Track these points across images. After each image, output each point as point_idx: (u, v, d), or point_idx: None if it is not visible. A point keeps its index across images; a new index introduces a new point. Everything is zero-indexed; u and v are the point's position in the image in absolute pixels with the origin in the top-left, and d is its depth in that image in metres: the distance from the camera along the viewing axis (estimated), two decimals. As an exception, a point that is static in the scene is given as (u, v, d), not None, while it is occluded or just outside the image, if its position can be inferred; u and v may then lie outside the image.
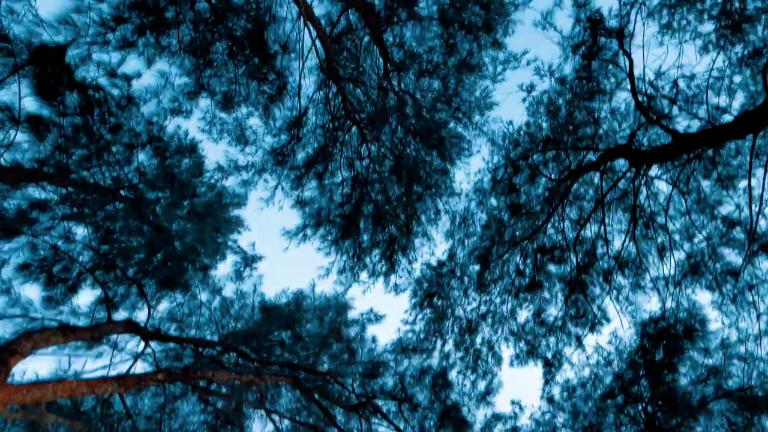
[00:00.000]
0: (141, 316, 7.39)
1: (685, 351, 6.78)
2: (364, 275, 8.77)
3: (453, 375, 8.04)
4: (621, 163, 7.79)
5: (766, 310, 6.46)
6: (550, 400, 7.84)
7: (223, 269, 8.84)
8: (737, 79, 7.48)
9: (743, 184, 7.25)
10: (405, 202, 8.77)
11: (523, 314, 8.15)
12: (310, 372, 6.02)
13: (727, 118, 6.94)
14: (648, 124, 6.03)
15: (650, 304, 7.27)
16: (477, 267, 8.40)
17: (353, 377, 7.12)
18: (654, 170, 7.47)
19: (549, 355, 7.80)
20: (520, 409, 8.38)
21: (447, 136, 8.74)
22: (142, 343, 5.55)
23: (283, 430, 6.01)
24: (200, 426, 7.36)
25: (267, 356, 6.10)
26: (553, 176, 7.80)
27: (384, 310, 8.66)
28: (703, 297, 6.92)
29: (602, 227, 6.78)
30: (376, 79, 8.34)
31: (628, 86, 7.00)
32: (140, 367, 6.43)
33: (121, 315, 6.74)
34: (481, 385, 8.06)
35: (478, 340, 8.49)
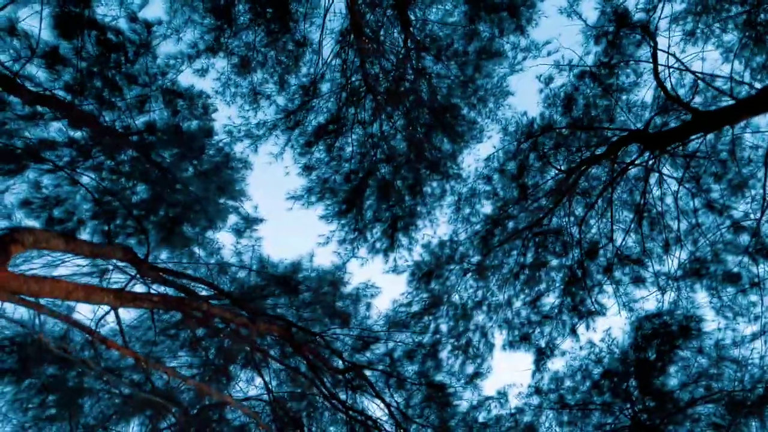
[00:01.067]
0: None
1: (678, 349, 6.76)
2: (363, 251, 8.77)
3: (443, 356, 8.03)
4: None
5: (763, 311, 6.45)
6: (538, 390, 7.83)
7: (222, 232, 8.81)
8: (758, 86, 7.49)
9: (752, 192, 7.24)
10: (412, 182, 8.77)
11: (519, 304, 8.15)
12: (301, 330, 5.99)
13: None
14: (666, 104, 5.99)
15: (648, 303, 7.27)
16: (478, 252, 8.40)
17: (344, 347, 7.10)
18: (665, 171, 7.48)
19: (542, 343, 7.80)
20: (505, 400, 8.36)
21: (460, 119, 8.73)
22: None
23: (272, 388, 5.99)
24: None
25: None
26: (562, 167, 7.79)
27: (381, 290, 8.58)
28: (702, 296, 6.89)
29: (608, 216, 6.74)
30: (394, 57, 8.33)
31: (646, 80, 7.03)
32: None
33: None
34: (470, 368, 8.05)
35: (472, 326, 8.48)
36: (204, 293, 6.66)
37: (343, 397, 6.81)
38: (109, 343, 3.56)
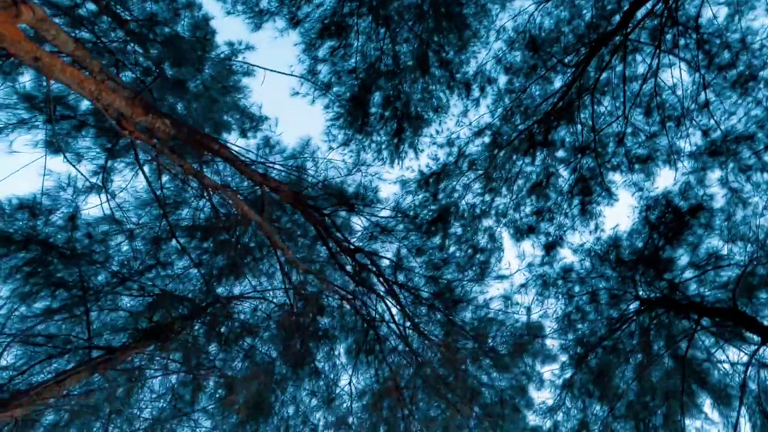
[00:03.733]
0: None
1: (687, 228, 6.73)
2: (369, 156, 8.65)
3: (451, 253, 8.01)
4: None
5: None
6: (545, 283, 7.85)
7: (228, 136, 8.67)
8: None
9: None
10: (419, 86, 8.58)
11: (527, 199, 8.10)
12: (311, 207, 5.94)
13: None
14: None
15: (658, 189, 7.22)
16: (486, 155, 8.29)
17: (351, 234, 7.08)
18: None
19: (551, 230, 7.78)
20: (511, 304, 8.35)
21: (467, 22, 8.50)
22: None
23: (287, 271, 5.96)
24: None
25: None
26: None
27: (386, 181, 8.35)
28: (714, 176, 6.80)
29: (618, 102, 6.63)
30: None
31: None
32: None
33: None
34: (477, 264, 8.03)
35: (480, 228, 8.43)
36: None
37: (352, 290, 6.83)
38: (127, 126, 3.45)
